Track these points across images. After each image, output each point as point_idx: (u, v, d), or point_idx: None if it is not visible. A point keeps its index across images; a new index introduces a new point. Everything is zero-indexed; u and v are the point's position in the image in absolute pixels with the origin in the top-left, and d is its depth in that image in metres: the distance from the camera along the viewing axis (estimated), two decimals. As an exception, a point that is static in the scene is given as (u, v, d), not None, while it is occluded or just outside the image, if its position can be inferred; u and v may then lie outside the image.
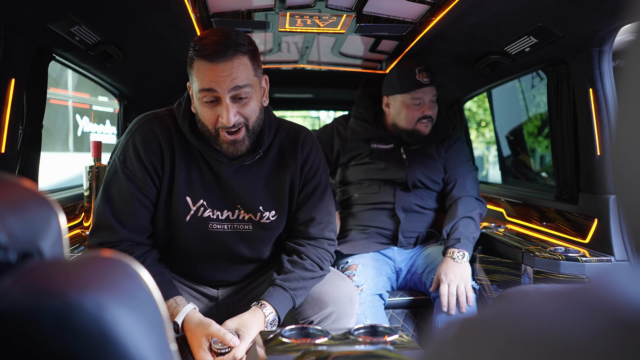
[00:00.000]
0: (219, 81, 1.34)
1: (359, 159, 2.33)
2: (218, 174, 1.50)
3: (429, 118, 2.23)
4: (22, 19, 1.50)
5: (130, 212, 1.46)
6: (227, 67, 1.33)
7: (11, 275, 0.43)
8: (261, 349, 1.00)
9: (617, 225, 1.75)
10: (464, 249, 2.01)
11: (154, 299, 0.50)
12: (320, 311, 1.51)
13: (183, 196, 1.48)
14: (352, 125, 2.38)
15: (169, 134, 1.48)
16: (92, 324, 0.41)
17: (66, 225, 0.54)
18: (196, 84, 1.37)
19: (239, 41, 1.35)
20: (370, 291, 1.99)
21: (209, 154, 1.47)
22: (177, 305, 1.43)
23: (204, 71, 1.34)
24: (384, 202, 2.27)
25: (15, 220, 0.45)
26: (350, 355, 0.89)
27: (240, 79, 1.35)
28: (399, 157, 2.30)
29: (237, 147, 1.42)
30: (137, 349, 0.43)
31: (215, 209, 1.51)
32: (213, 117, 1.39)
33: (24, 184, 0.51)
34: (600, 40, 1.70)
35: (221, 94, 1.35)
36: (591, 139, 1.80)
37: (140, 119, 1.51)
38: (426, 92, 2.20)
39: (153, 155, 1.46)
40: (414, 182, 2.27)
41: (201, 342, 1.36)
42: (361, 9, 1.79)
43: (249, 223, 1.54)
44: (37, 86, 1.75)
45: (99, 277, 0.46)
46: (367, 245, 2.22)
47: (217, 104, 1.38)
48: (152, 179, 1.47)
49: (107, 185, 1.48)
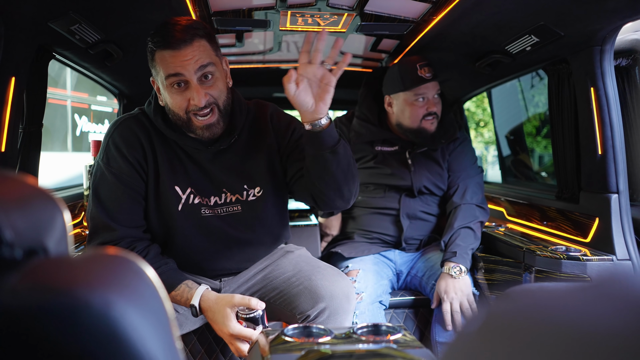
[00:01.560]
0: (185, 65, 1.40)
1: (363, 162, 2.26)
2: (198, 161, 1.54)
3: (434, 115, 2.16)
4: (23, 17, 1.49)
5: (123, 209, 1.49)
6: (188, 51, 1.40)
7: (17, 272, 0.42)
8: (264, 348, 1.00)
9: (618, 224, 1.75)
10: (461, 263, 1.97)
11: (160, 297, 0.50)
12: (315, 305, 1.51)
13: (172, 186, 1.52)
14: (356, 127, 2.30)
15: (146, 130, 1.53)
16: (100, 321, 0.40)
17: (71, 222, 0.54)
18: (161, 73, 1.42)
19: (193, 26, 1.43)
20: (370, 299, 1.97)
21: (186, 144, 1.52)
22: (189, 289, 1.46)
23: (168, 58, 1.40)
24: (388, 207, 2.22)
25: (21, 217, 0.45)
26: (354, 354, 0.89)
27: (203, 59, 1.41)
28: (404, 161, 2.23)
29: (212, 130, 1.47)
30: (144, 346, 0.43)
31: (203, 196, 1.55)
32: (183, 101, 1.43)
33: (28, 181, 0.51)
34: (602, 39, 1.70)
35: (189, 77, 1.41)
36: (592, 138, 1.80)
37: (115, 121, 1.57)
38: (429, 87, 2.13)
39: (135, 151, 1.51)
40: (420, 189, 2.21)
41: (226, 314, 1.40)
42: (362, 7, 1.78)
43: (236, 204, 1.58)
44: (37, 85, 1.75)
45: (106, 274, 0.45)
46: (368, 247, 2.20)
47: (185, 89, 1.43)
48: (138, 173, 1.51)
49: (96, 188, 1.51)
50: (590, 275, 1.71)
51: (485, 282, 2.08)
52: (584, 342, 0.16)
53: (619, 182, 1.76)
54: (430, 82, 2.12)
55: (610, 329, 0.16)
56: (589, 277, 1.71)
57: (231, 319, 1.40)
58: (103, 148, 1.53)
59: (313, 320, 1.51)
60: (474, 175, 2.24)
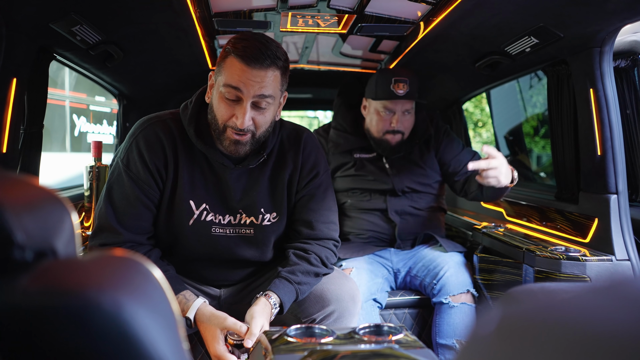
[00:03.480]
0: (248, 84, 1.36)
1: (344, 170, 2.30)
2: (221, 178, 1.51)
3: (398, 132, 2.17)
4: (24, 18, 1.49)
5: (133, 215, 1.46)
6: (259, 74, 1.36)
7: (27, 274, 0.43)
8: (267, 349, 1.00)
9: (617, 224, 1.76)
10: None
11: (167, 298, 0.50)
12: (322, 309, 1.51)
13: (186, 200, 1.49)
14: (333, 137, 2.35)
15: (172, 138, 1.48)
16: (110, 322, 0.41)
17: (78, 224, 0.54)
18: (223, 78, 1.38)
19: (277, 54, 1.38)
20: (364, 297, 1.97)
21: (214, 158, 1.48)
22: (187, 300, 1.44)
23: (237, 69, 1.36)
24: (376, 208, 2.25)
25: (31, 220, 0.45)
26: (356, 354, 0.89)
27: (267, 89, 1.38)
28: (382, 166, 2.26)
29: (239, 148, 1.43)
30: (154, 347, 0.43)
31: (217, 214, 1.52)
32: (227, 114, 1.40)
33: (37, 184, 0.51)
34: (601, 40, 1.71)
35: (245, 96, 1.37)
36: (592, 139, 1.81)
37: (143, 122, 1.51)
38: (398, 103, 2.13)
39: (157, 158, 1.47)
40: (402, 189, 2.24)
41: (216, 335, 1.38)
42: (363, 9, 1.79)
43: (250, 227, 1.55)
44: (38, 86, 1.75)
45: (115, 276, 0.46)
46: (363, 247, 2.21)
47: (235, 104, 1.39)
48: (155, 181, 1.48)
49: (110, 188, 1.48)
50: (589, 276, 1.71)
51: (484, 282, 2.09)
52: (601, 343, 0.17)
53: (618, 183, 1.77)
54: (400, 100, 2.12)
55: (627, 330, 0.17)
56: (588, 278, 1.72)
57: (218, 340, 1.37)
58: (125, 147, 1.49)
59: (319, 324, 1.51)
60: (472, 154, 2.28)
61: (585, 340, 0.17)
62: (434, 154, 2.29)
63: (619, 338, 0.17)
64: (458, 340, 1.93)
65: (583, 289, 0.21)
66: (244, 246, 1.56)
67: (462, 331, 1.94)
